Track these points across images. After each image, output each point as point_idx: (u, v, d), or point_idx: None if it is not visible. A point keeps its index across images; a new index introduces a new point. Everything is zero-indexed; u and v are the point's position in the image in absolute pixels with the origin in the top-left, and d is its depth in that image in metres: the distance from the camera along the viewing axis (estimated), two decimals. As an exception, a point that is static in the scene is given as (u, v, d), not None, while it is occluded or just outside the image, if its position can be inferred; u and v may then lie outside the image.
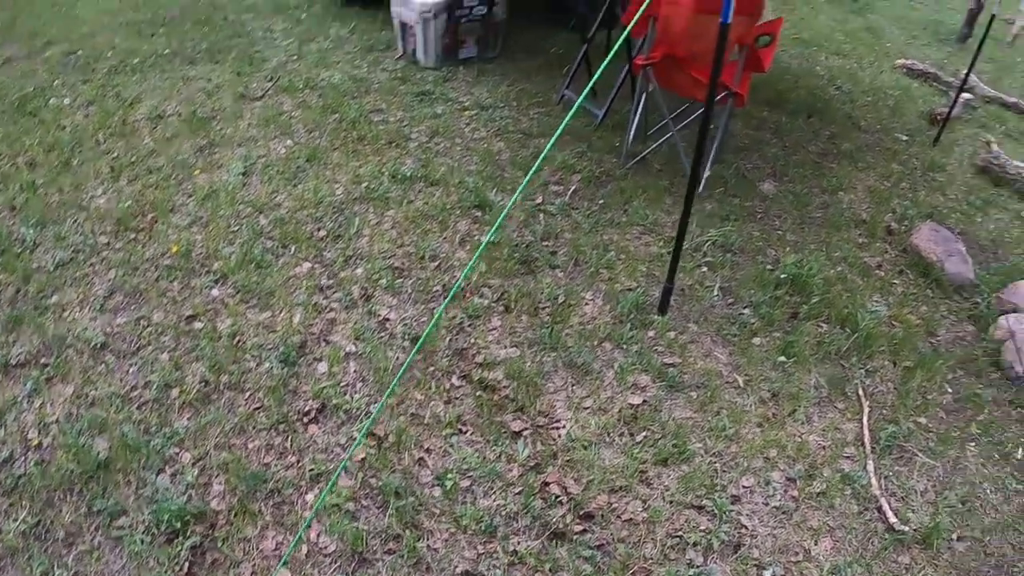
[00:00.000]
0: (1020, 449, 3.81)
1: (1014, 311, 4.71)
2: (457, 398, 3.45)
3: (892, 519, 3.26)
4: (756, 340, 4.09)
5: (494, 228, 3.97)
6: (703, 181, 5.31)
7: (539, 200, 4.94)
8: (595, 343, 3.84)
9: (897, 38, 12.10)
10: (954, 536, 3.26)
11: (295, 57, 7.01)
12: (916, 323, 4.51)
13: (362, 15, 8.10)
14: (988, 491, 3.51)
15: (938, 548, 3.16)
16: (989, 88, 10.09)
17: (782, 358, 4.00)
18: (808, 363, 3.99)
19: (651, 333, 3.96)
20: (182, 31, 7.76)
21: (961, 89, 7.70)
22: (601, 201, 5.02)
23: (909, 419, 3.82)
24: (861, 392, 3.95)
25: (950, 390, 4.09)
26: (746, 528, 3.09)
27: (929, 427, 3.82)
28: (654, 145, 5.44)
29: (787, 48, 9.70)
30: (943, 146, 7.31)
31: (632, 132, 5.39)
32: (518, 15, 7.51)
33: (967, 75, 7.54)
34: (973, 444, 3.77)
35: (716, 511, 3.11)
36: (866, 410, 3.83)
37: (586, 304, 4.09)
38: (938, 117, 7.72)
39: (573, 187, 5.13)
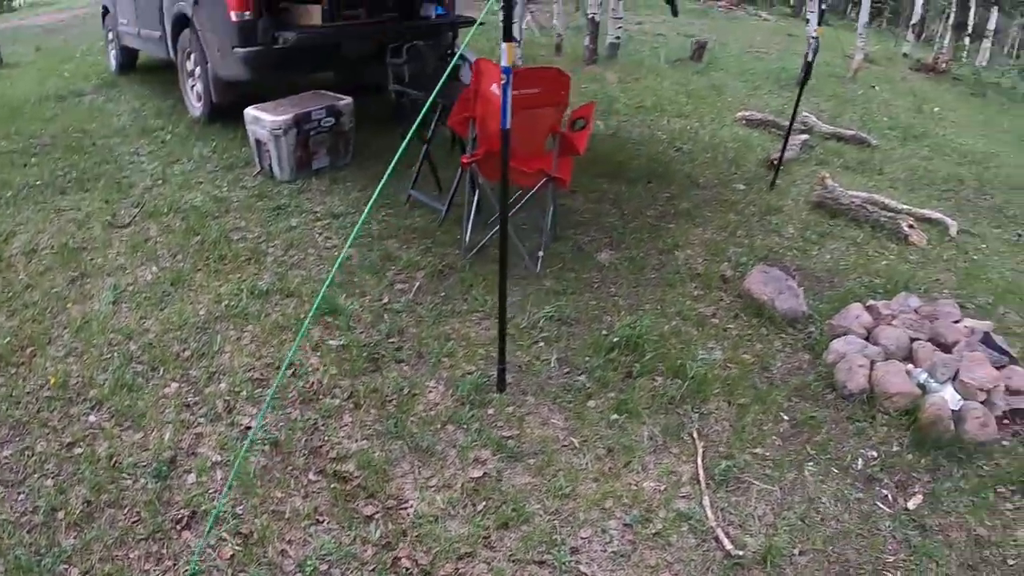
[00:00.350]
0: (859, 460, 4.18)
1: (845, 334, 5.04)
2: (314, 492, 3.76)
3: (728, 546, 3.55)
4: (591, 403, 4.44)
5: (310, 316, 4.35)
6: (539, 261, 5.73)
7: (385, 300, 5.29)
8: (438, 427, 4.19)
9: (740, 91, 12.70)
10: (796, 551, 3.57)
11: (160, 181, 7.29)
12: (751, 362, 4.90)
13: (223, 133, 8.41)
14: (828, 504, 3.86)
15: (779, 565, 3.47)
16: (826, 125, 10.72)
17: (615, 415, 4.33)
18: (642, 416, 4.34)
19: (490, 411, 4.32)
20: (53, 159, 7.98)
21: (788, 133, 8.22)
22: (443, 293, 5.41)
23: (745, 452, 4.17)
24: (695, 434, 4.26)
25: (786, 418, 4.47)
26: (586, 575, 3.40)
27: (766, 455, 4.16)
28: (490, 234, 5.83)
29: (630, 117, 10.19)
30: (780, 189, 7.83)
31: (470, 225, 5.78)
32: (366, 122, 7.95)
33: (792, 119, 8.10)
34: (811, 463, 4.13)
35: (556, 564, 3.41)
36: (700, 450, 4.13)
37: (430, 392, 4.45)
38: (774, 162, 8.22)
39: (417, 284, 5.50)
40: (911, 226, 7.29)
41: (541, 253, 5.81)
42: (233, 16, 7.56)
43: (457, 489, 3.82)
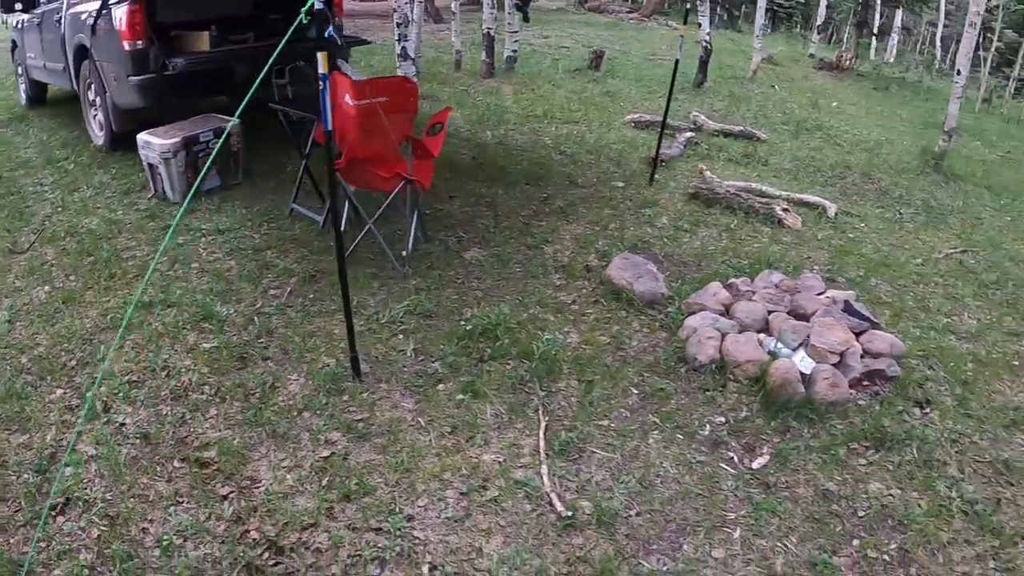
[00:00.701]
0: (707, 426, 4.44)
1: (701, 311, 5.31)
2: (177, 477, 4.11)
3: (560, 508, 3.81)
4: (441, 386, 4.79)
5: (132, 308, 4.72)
6: (405, 261, 6.08)
7: (259, 305, 5.64)
8: (295, 414, 4.54)
9: (634, 96, 12.98)
10: (632, 512, 3.83)
11: (60, 208, 7.57)
12: (606, 343, 5.22)
13: (123, 160, 8.67)
14: (668, 468, 4.12)
15: (611, 525, 3.73)
16: (715, 123, 11.13)
17: (462, 396, 4.68)
18: (489, 396, 4.67)
19: (344, 397, 4.67)
20: (-41, 195, 8.19)
21: (663, 128, 8.53)
22: (312, 296, 5.76)
23: (590, 424, 4.44)
24: (540, 410, 4.54)
25: (636, 391, 4.76)
26: (419, 539, 3.69)
27: (610, 427, 4.44)
28: (359, 236, 6.19)
29: (519, 126, 10.49)
30: (659, 184, 8.19)
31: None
32: (260, 141, 8.29)
33: (665, 114, 8.43)
34: (657, 432, 4.40)
35: (392, 530, 3.70)
36: (543, 423, 4.41)
37: (291, 384, 4.81)
38: (653, 160, 8.56)
39: (290, 288, 5.85)
40: (785, 210, 7.69)
41: (405, 253, 6.16)
42: (126, 46, 7.87)
43: (306, 468, 4.16)
